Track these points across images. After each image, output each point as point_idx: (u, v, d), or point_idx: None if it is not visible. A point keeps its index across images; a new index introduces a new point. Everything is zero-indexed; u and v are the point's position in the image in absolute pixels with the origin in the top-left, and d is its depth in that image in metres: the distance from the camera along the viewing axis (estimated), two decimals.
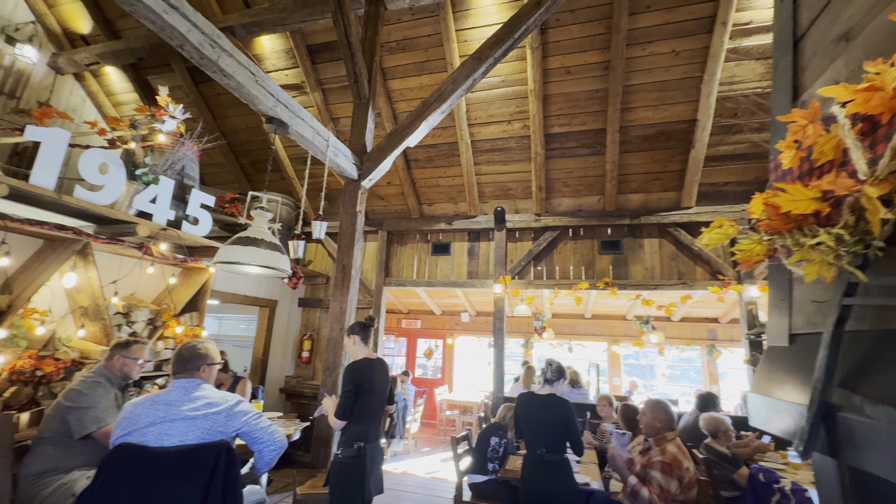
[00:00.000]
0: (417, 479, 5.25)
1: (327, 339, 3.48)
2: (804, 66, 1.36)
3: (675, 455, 2.52)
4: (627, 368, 10.18)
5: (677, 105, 4.56)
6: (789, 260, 1.13)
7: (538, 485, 2.57)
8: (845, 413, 0.94)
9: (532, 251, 5.53)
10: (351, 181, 3.83)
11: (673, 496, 2.51)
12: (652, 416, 2.70)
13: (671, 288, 5.00)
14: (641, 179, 5.11)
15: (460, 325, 9.91)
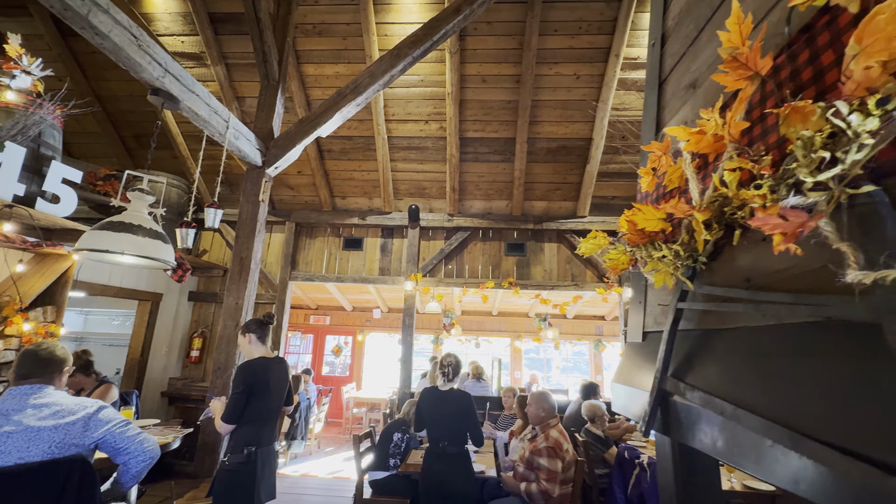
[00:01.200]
0: (318, 481, 5.08)
1: (219, 336, 3.21)
2: (664, 105, 1.61)
3: (557, 438, 2.81)
4: (528, 362, 10.95)
5: (577, 123, 5.03)
6: (644, 269, 1.33)
7: (438, 476, 2.66)
8: (675, 398, 1.14)
9: (444, 250, 5.68)
10: (254, 168, 3.56)
11: (559, 476, 2.79)
12: (536, 406, 2.97)
13: (566, 289, 5.50)
14: (545, 188, 5.53)
15: (372, 321, 9.79)
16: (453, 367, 2.87)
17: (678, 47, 1.55)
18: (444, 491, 2.63)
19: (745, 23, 0.83)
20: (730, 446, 0.90)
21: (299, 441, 6.29)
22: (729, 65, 0.85)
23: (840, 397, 0.66)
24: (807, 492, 0.70)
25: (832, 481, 0.64)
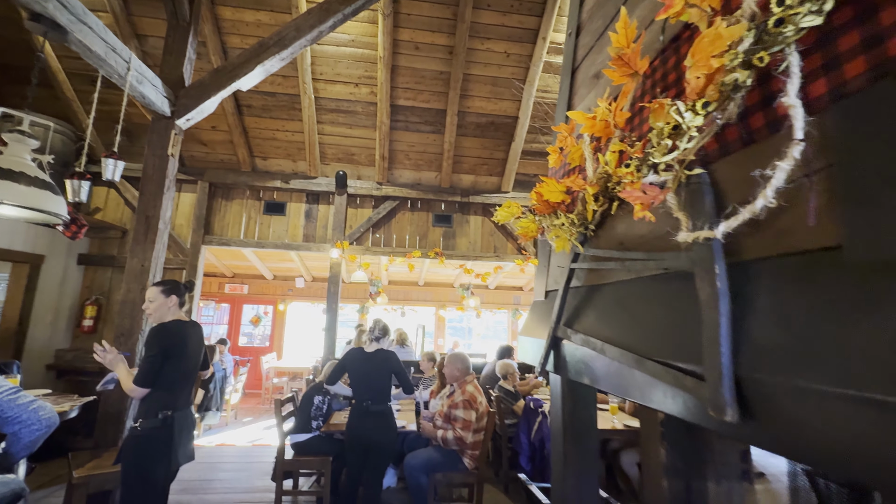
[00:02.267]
0: (236, 449, 4.99)
1: (122, 301, 2.96)
2: (575, 91, 1.80)
3: (472, 392, 3.10)
4: (451, 330, 11.45)
5: (505, 101, 5.23)
6: (548, 235, 1.53)
7: (362, 432, 2.80)
8: (564, 342, 1.37)
9: (371, 218, 5.66)
10: (161, 118, 3.23)
11: (473, 425, 3.08)
12: (452, 366, 3.24)
13: (488, 260, 5.83)
14: (473, 162, 5.72)
15: (294, 290, 9.49)
16: (381, 329, 2.98)
17: (589, 39, 1.74)
18: (367, 444, 2.79)
19: (630, 27, 1.00)
20: (599, 374, 1.14)
21: (214, 412, 6.06)
22: (615, 62, 1.02)
23: (667, 328, 0.89)
24: (647, 399, 0.93)
25: (662, 388, 0.87)
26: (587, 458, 1.54)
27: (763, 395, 0.62)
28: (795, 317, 0.62)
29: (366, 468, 2.78)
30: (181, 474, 2.32)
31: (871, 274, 0.53)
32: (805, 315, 0.60)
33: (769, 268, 0.69)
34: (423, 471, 3.11)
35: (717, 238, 0.75)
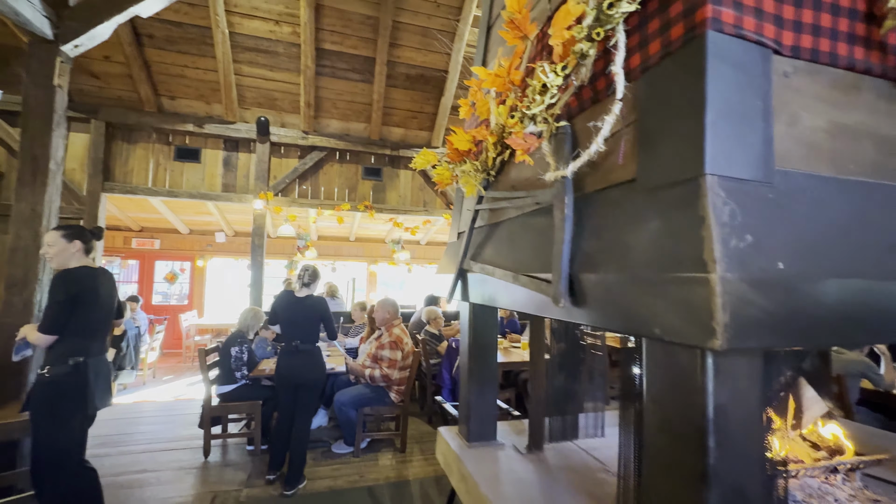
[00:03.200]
0: (158, 405, 4.87)
1: (11, 248, 2.69)
2: (489, 48, 1.94)
3: (398, 334, 3.34)
4: (383, 286, 11.63)
5: (435, 54, 5.20)
6: (460, 181, 1.71)
7: (291, 370, 2.93)
8: (468, 273, 1.59)
9: (297, 169, 5.48)
10: (42, 41, 2.82)
11: (399, 364, 3.35)
12: (382, 310, 3.45)
13: (418, 214, 5.98)
14: (403, 115, 5.69)
15: (214, 245, 8.95)
16: (310, 275, 3.05)
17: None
18: (297, 382, 2.93)
19: None
20: (491, 293, 1.37)
21: (129, 371, 5.77)
22: (509, 25, 1.18)
23: (536, 250, 1.12)
24: (519, 305, 1.18)
25: (528, 294, 1.12)
26: (488, 373, 1.84)
27: (584, 286, 0.87)
28: (605, 230, 0.86)
29: (297, 406, 2.94)
30: (97, 429, 2.31)
31: (647, 196, 0.78)
32: (610, 228, 0.85)
33: (598, 198, 0.93)
34: (352, 406, 3.35)
35: (568, 176, 0.97)
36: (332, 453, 3.48)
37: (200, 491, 2.88)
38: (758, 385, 0.72)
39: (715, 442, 0.69)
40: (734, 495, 0.69)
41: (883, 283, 0.68)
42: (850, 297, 0.66)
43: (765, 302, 0.60)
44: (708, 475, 0.68)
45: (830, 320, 0.64)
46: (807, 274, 0.63)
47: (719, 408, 0.69)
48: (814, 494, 1.40)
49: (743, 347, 0.57)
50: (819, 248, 0.67)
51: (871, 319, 0.66)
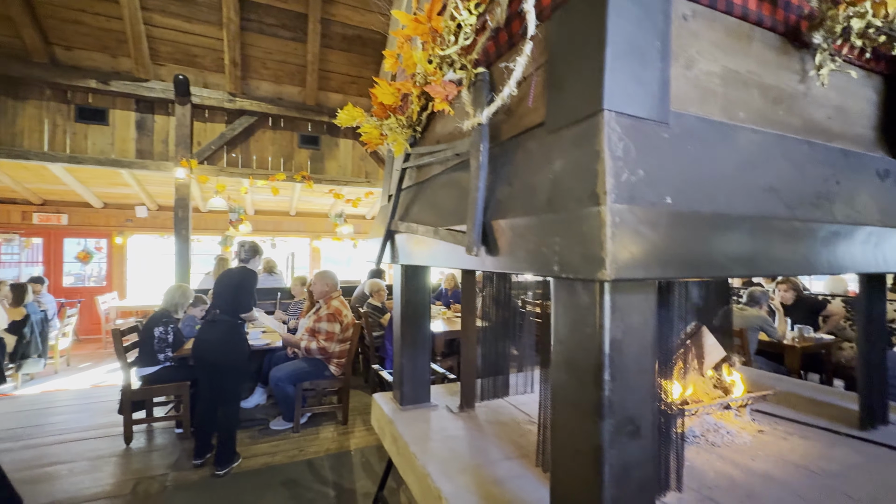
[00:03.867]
0: (73, 393, 4.45)
1: None
2: None
3: (337, 307, 3.26)
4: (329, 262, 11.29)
5: (374, 14, 4.93)
6: (388, 140, 1.64)
7: (206, 342, 2.76)
8: (396, 234, 1.55)
9: (225, 135, 5.05)
10: None
11: (337, 336, 3.27)
12: (321, 283, 3.34)
13: (359, 185, 5.79)
14: (341, 80, 5.39)
15: (135, 220, 8.14)
16: (247, 250, 2.91)
17: None
18: (212, 361, 2.73)
19: None
20: (417, 252, 1.34)
21: (35, 359, 5.19)
22: None
23: (455, 203, 1.10)
24: (441, 260, 1.16)
25: (447, 247, 1.10)
26: (420, 337, 1.83)
27: (496, 233, 0.86)
28: (516, 176, 0.85)
29: (217, 392, 2.76)
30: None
31: (553, 137, 0.77)
32: (521, 174, 0.84)
33: (511, 144, 0.91)
34: (289, 381, 3.25)
35: (483, 123, 0.94)
36: (270, 430, 3.38)
37: (121, 479, 2.69)
38: (652, 322, 0.75)
39: (610, 375, 0.71)
40: (627, 425, 0.73)
41: (760, 221, 0.73)
42: (731, 233, 0.69)
43: (652, 234, 0.61)
44: (603, 407, 0.71)
45: (712, 253, 0.67)
46: (693, 210, 0.65)
47: (615, 343, 0.71)
48: (710, 428, 1.55)
49: (631, 278, 0.58)
50: (706, 187, 0.70)
51: (748, 253, 0.71)
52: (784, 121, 0.88)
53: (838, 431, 1.58)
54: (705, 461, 1.35)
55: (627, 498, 0.73)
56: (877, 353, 1.63)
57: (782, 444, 1.47)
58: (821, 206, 0.82)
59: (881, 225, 0.93)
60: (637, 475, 0.74)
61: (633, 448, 0.74)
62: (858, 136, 1.02)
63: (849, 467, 1.32)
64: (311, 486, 2.59)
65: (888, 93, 1.08)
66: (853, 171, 0.96)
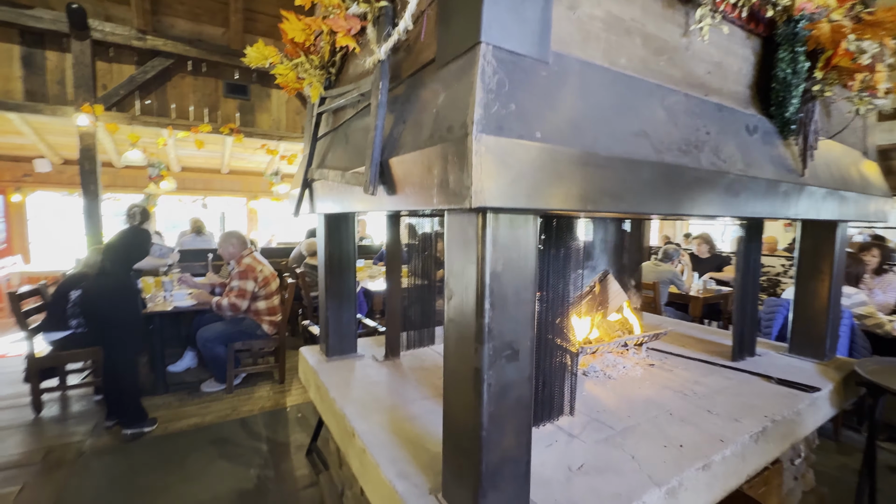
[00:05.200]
0: None
1: None
2: None
3: (249, 264, 3.15)
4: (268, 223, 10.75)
5: None
6: (304, 84, 1.55)
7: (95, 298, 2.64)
8: (314, 183, 1.50)
9: (136, 78, 4.50)
10: None
11: (252, 293, 3.15)
12: (226, 244, 3.22)
13: (295, 140, 5.47)
14: (270, 23, 4.93)
15: (34, 176, 7.19)
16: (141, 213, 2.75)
17: None
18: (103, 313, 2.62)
19: None
20: (330, 199, 1.32)
21: None
22: None
23: (361, 146, 1.08)
24: (348, 204, 1.15)
25: (352, 190, 1.08)
26: (345, 288, 1.83)
27: (392, 172, 0.86)
28: (410, 112, 0.84)
29: (111, 343, 2.65)
30: None
31: (441, 71, 0.76)
32: (414, 109, 0.83)
33: (411, 82, 0.90)
34: (217, 341, 3.15)
35: (383, 59, 0.91)
36: (201, 392, 3.29)
37: (31, 448, 2.52)
38: (532, 257, 0.81)
39: (490, 304, 0.76)
40: (505, 349, 0.79)
41: (629, 163, 0.79)
42: (601, 171, 0.74)
43: (521, 166, 0.64)
44: (483, 332, 0.77)
45: (581, 188, 0.72)
46: (565, 146, 0.69)
47: (495, 275, 0.76)
48: (610, 364, 1.73)
49: (497, 207, 0.61)
50: (580, 127, 0.74)
51: (617, 191, 0.77)
52: (665, 71, 0.94)
53: (714, 363, 1.82)
54: (601, 391, 1.51)
55: (504, 414, 0.81)
56: (749, 297, 1.87)
57: (667, 375, 1.67)
58: (689, 153, 0.90)
59: (744, 174, 1.04)
60: (514, 394, 0.82)
61: (511, 370, 0.81)
62: (734, 93, 1.12)
63: (716, 391, 1.54)
64: (243, 442, 2.59)
65: (764, 54, 1.18)
66: (725, 124, 1.05)
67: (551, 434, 1.20)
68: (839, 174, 1.49)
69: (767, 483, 1.61)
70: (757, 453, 1.25)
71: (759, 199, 1.09)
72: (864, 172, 1.70)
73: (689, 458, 1.09)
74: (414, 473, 1.01)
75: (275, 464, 2.35)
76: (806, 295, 1.91)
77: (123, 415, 2.61)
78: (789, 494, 1.83)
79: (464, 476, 0.82)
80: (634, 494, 0.94)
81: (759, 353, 1.97)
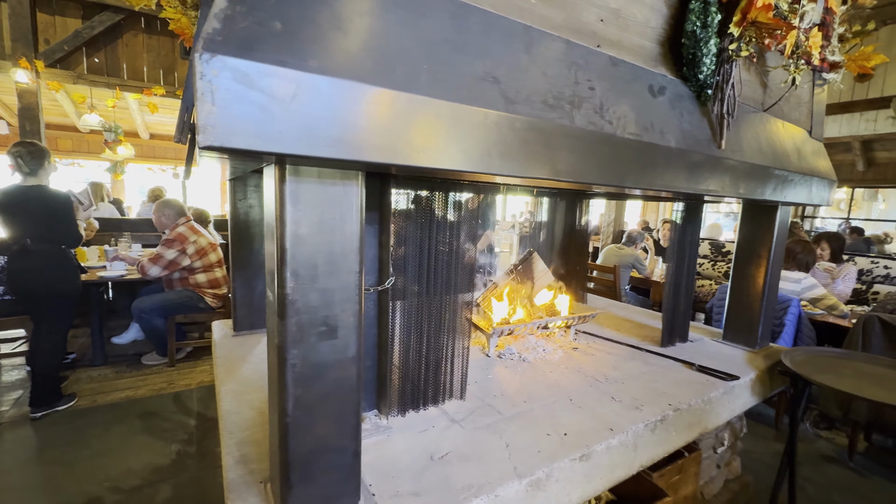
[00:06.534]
0: None
1: None
2: None
3: (180, 233, 2.97)
4: None
5: None
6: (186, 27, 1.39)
7: (26, 272, 2.34)
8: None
9: (82, 34, 4.20)
10: None
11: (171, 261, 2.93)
12: (159, 214, 3.05)
13: None
14: None
15: None
16: (30, 156, 2.33)
17: None
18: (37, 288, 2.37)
19: None
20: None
21: None
22: None
23: None
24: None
25: None
26: (254, 259, 1.71)
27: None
28: None
29: (40, 318, 2.45)
30: None
31: None
32: None
33: None
34: (156, 313, 3.03)
35: None
36: (141, 365, 3.19)
37: None
38: (355, 219, 0.69)
39: (292, 273, 0.65)
40: (318, 325, 0.69)
41: (465, 111, 0.67)
42: (420, 117, 0.62)
43: (294, 103, 0.52)
44: (285, 306, 0.66)
45: (386, 136, 0.60)
46: (359, 82, 0.57)
47: (298, 237, 0.65)
48: (529, 347, 1.65)
49: (232, 148, 0.49)
50: (391, 61, 0.61)
51: (441, 144, 0.65)
52: (537, 12, 0.81)
53: (641, 347, 1.75)
54: (507, 374, 1.43)
55: (318, 399, 0.71)
56: (682, 282, 1.79)
57: (586, 359, 1.60)
58: (557, 108, 0.78)
59: (637, 139, 0.93)
60: (332, 376, 0.72)
61: (326, 349, 0.70)
62: (637, 47, 0.99)
63: (631, 376, 1.46)
64: (172, 417, 2.50)
65: (680, 6, 1.05)
66: (618, 81, 0.93)
67: (432, 419, 1.11)
68: (771, 151, 1.38)
69: (682, 471, 1.56)
70: (653, 442, 1.19)
71: (659, 170, 0.98)
72: (805, 152, 1.59)
73: (568, 447, 1.01)
74: (257, 459, 0.91)
75: (198, 440, 2.27)
76: (742, 280, 1.84)
77: (34, 393, 2.44)
78: (710, 482, 1.80)
79: (278, 465, 0.73)
80: (488, 486, 0.86)
81: (692, 339, 1.90)
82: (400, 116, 0.60)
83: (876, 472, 2.20)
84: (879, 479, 2.14)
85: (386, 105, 0.59)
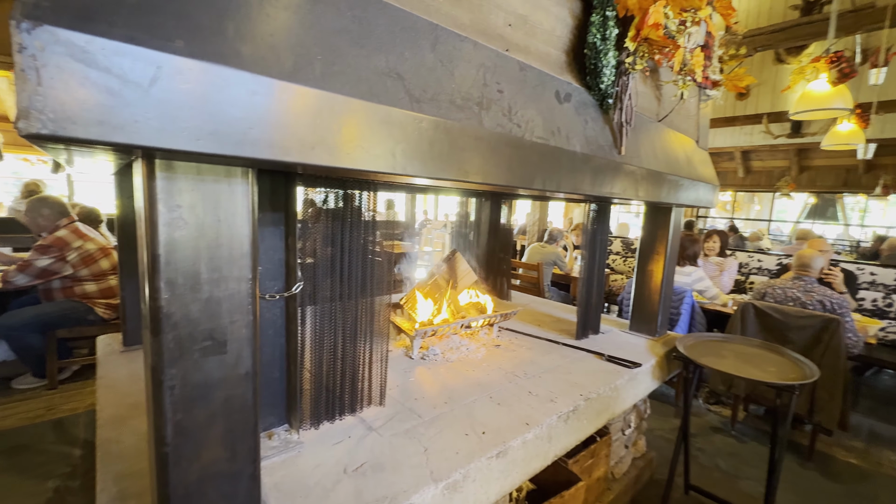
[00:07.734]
0: None
1: None
2: None
3: (60, 237, 2.53)
4: None
5: None
6: None
7: None
8: None
9: None
10: None
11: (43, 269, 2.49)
12: (33, 214, 2.60)
13: None
14: None
15: None
16: None
17: None
18: None
19: None
20: None
21: None
22: None
23: None
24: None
25: None
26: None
27: None
28: None
29: None
30: None
31: None
32: None
33: None
34: (29, 329, 2.59)
35: None
36: (12, 390, 2.71)
37: None
38: (245, 221, 0.63)
39: (166, 282, 0.57)
40: (202, 340, 0.61)
41: (359, 105, 0.64)
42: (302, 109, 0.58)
43: (118, 86, 0.44)
44: (159, 320, 0.58)
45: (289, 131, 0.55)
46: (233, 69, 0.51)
47: (172, 242, 0.57)
48: (453, 347, 1.65)
49: (68, 137, 0.41)
50: (277, 48, 0.56)
51: (332, 140, 0.61)
52: (445, 11, 0.80)
53: (558, 341, 1.84)
54: (429, 376, 1.42)
55: (205, 423, 0.63)
56: (594, 277, 1.92)
57: (507, 356, 1.64)
58: (465, 109, 0.78)
59: (544, 143, 0.95)
60: (221, 396, 0.64)
61: (213, 366, 0.63)
62: (544, 54, 1.03)
63: (547, 370, 1.53)
64: (50, 448, 2.15)
65: (584, 19, 1.11)
66: (526, 85, 0.96)
67: (348, 428, 1.06)
68: (665, 157, 1.52)
69: (595, 455, 1.67)
70: (566, 432, 1.25)
71: (565, 173, 1.02)
72: (694, 160, 1.78)
73: (485, 446, 1.02)
74: (137, 494, 0.80)
75: (84, 472, 1.98)
76: (644, 275, 2.01)
77: None
78: (619, 462, 1.94)
79: (156, 501, 0.64)
80: (403, 495, 0.83)
81: (603, 331, 2.04)
82: (290, 110, 0.55)
83: (751, 436, 2.54)
84: (754, 442, 2.47)
85: (271, 97, 0.53)
